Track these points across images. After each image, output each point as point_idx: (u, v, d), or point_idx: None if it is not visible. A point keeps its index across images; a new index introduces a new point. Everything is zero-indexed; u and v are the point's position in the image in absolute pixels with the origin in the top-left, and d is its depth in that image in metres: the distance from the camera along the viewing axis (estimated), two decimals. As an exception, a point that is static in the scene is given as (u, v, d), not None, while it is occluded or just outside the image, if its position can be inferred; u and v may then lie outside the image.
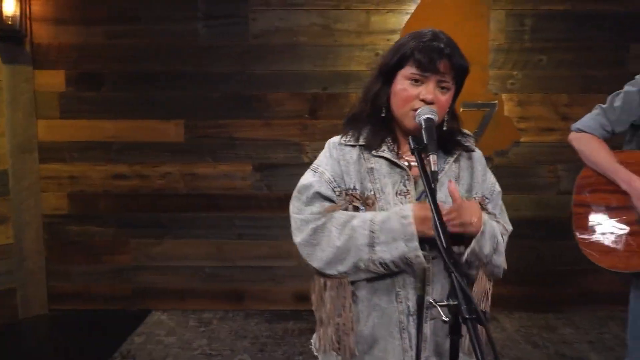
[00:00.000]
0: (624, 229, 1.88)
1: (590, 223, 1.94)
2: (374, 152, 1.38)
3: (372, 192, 1.36)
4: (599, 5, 3.61)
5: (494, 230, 1.32)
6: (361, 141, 1.40)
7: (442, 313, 1.04)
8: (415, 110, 1.30)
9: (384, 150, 1.38)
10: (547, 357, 3.18)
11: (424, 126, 1.24)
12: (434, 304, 1.06)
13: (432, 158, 1.18)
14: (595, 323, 3.65)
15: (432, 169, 1.16)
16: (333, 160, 1.42)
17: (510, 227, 1.44)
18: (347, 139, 1.42)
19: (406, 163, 1.38)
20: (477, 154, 1.45)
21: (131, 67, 3.68)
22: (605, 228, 1.91)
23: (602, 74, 3.66)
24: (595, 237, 1.92)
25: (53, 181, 3.74)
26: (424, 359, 1.36)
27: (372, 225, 1.30)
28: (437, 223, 1.10)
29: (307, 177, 1.45)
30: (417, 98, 1.30)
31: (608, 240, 1.90)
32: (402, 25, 3.63)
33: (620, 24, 3.62)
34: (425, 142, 1.21)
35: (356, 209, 1.37)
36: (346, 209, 1.38)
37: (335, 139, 1.46)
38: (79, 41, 3.64)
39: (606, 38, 3.65)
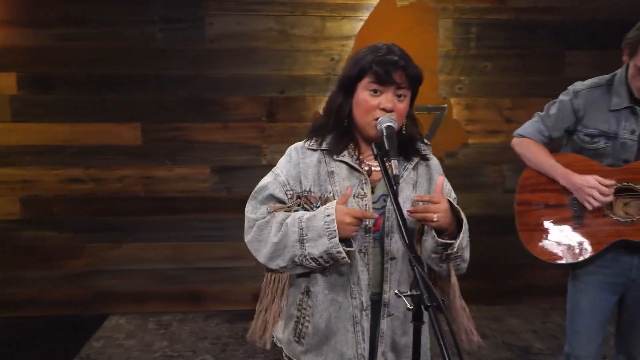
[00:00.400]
0: (561, 224, 2.05)
1: (532, 220, 2.11)
2: (335, 156, 1.47)
3: (332, 194, 1.45)
4: (538, 15, 3.85)
5: (467, 225, 1.42)
6: (324, 146, 1.48)
7: (407, 302, 1.14)
8: (377, 119, 1.39)
9: (345, 155, 1.47)
10: (496, 346, 3.38)
11: (385, 134, 1.34)
12: (399, 294, 1.16)
13: (394, 163, 1.28)
14: (539, 314, 3.89)
15: (394, 173, 1.27)
16: (291, 163, 1.50)
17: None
18: (311, 144, 1.50)
19: (367, 168, 1.47)
20: (434, 162, 1.56)
21: (85, 70, 3.65)
22: (545, 224, 2.08)
23: (541, 79, 3.90)
24: (536, 233, 2.09)
25: (5, 186, 3.66)
26: (381, 354, 1.46)
27: (300, 223, 1.39)
28: (400, 222, 1.20)
29: (265, 179, 1.53)
30: (377, 107, 1.40)
31: (547, 236, 2.07)
32: (356, 31, 3.75)
33: (557, 33, 3.88)
34: (387, 148, 1.31)
35: (305, 210, 1.46)
36: (296, 211, 1.46)
37: (299, 143, 1.54)
38: (31, 44, 3.58)
39: (544, 46, 3.90)
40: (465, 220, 1.39)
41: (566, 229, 2.04)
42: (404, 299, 1.14)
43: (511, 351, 3.32)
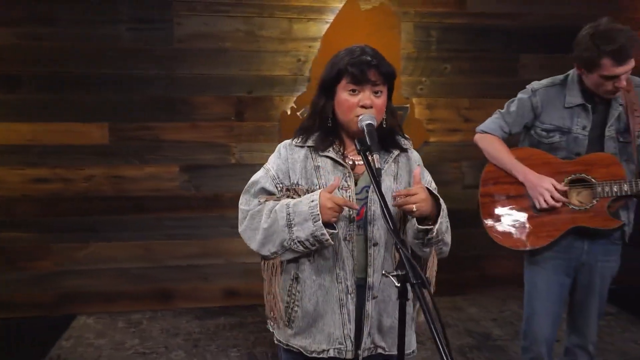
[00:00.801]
0: (521, 214, 2.23)
1: (495, 210, 2.28)
2: (320, 152, 1.58)
3: (318, 187, 1.56)
4: (493, 20, 4.07)
5: (446, 211, 1.54)
6: (310, 143, 1.60)
7: (394, 280, 1.25)
8: (358, 116, 1.51)
9: (330, 151, 1.58)
10: (458, 333, 3.56)
11: (366, 131, 1.46)
12: (387, 274, 1.27)
13: (375, 157, 1.40)
14: (496, 302, 4.11)
15: (377, 166, 1.39)
16: (280, 159, 1.62)
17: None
18: (298, 141, 1.62)
19: (351, 162, 1.59)
20: (415, 155, 1.69)
21: (50, 69, 3.61)
22: (507, 214, 2.25)
23: (497, 80, 4.12)
24: (499, 222, 2.26)
25: (-32, 186, 3.59)
26: (367, 334, 1.57)
27: (287, 209, 1.50)
28: (384, 209, 1.32)
29: (258, 174, 1.64)
30: (357, 105, 1.51)
31: (509, 224, 2.24)
32: (322, 33, 3.87)
33: (511, 37, 4.11)
34: (368, 143, 1.43)
35: None
36: None
37: (288, 141, 1.65)
38: (-6, 42, 3.53)
39: (500, 49, 4.13)
40: (444, 207, 1.51)
41: (527, 217, 2.21)
42: (391, 278, 1.25)
43: (472, 337, 3.51)
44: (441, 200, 1.52)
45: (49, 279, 3.75)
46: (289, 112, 3.87)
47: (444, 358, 1.02)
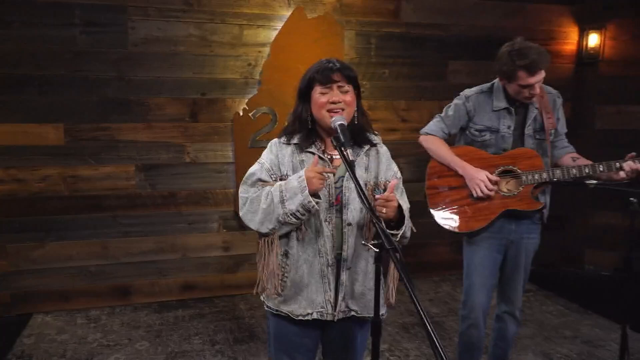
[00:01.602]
0: (462, 201, 2.60)
1: (439, 200, 2.64)
2: (304, 149, 1.87)
3: None
4: (426, 30, 4.50)
5: (409, 221, 1.86)
6: (295, 141, 1.89)
7: (372, 248, 1.56)
8: (329, 111, 1.81)
9: (312, 147, 1.88)
10: (400, 313, 3.93)
11: (339, 130, 1.76)
12: (366, 243, 1.57)
13: (349, 151, 1.70)
14: (432, 285, 4.54)
15: (351, 159, 1.69)
16: (272, 154, 1.90)
17: (408, 205, 1.99)
18: (284, 140, 1.91)
19: (329, 156, 1.89)
20: (383, 149, 2.00)
21: (5, 71, 3.63)
22: (450, 202, 2.62)
23: (429, 84, 4.56)
24: (444, 210, 2.62)
25: None
26: (341, 299, 1.87)
27: (280, 187, 1.79)
28: (360, 192, 1.62)
29: (253, 167, 1.92)
30: (328, 102, 1.82)
31: (452, 211, 2.61)
32: (272, 39, 4.12)
33: (441, 45, 4.56)
34: (342, 140, 1.72)
35: None
36: None
37: (276, 139, 1.94)
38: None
39: (431, 56, 4.56)
40: (407, 216, 1.85)
41: (466, 205, 2.59)
42: (369, 246, 1.56)
43: (413, 316, 3.90)
44: (406, 214, 1.85)
45: (4, 279, 3.77)
46: (241, 114, 4.09)
47: (414, 301, 1.33)
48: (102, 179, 3.91)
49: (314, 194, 1.75)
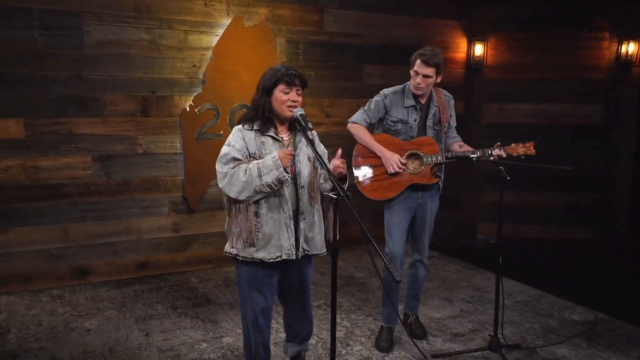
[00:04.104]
0: (380, 176, 3.35)
1: (363, 176, 3.38)
2: (263, 133, 2.48)
3: (265, 154, 2.46)
4: (346, 38, 5.28)
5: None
6: (255, 127, 2.49)
7: (332, 196, 2.25)
8: (289, 107, 2.44)
9: (269, 132, 2.50)
10: (330, 279, 4.65)
11: (300, 118, 2.42)
12: (328, 193, 2.25)
13: (310, 133, 2.38)
14: (355, 256, 5.32)
15: (310, 138, 2.36)
16: (240, 137, 2.49)
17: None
18: (247, 126, 2.50)
19: (281, 137, 2.51)
20: (314, 132, 2.62)
21: (-38, 69, 3.91)
22: (371, 177, 3.36)
23: (349, 85, 5.35)
24: (366, 183, 3.36)
25: None
26: (302, 242, 2.52)
27: (258, 164, 2.38)
28: (321, 161, 2.31)
29: (226, 149, 2.48)
30: (289, 100, 2.46)
31: (373, 184, 3.35)
32: (213, 44, 4.68)
33: (359, 51, 5.36)
34: (304, 125, 2.39)
35: None
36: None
37: (239, 126, 2.51)
38: None
39: (350, 61, 5.35)
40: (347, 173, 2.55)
41: (383, 179, 3.34)
42: (330, 195, 2.25)
43: (342, 279, 4.65)
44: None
45: (-34, 265, 4.03)
46: (187, 109, 4.62)
47: (359, 221, 2.04)
48: (61, 169, 4.27)
49: (285, 170, 2.40)
